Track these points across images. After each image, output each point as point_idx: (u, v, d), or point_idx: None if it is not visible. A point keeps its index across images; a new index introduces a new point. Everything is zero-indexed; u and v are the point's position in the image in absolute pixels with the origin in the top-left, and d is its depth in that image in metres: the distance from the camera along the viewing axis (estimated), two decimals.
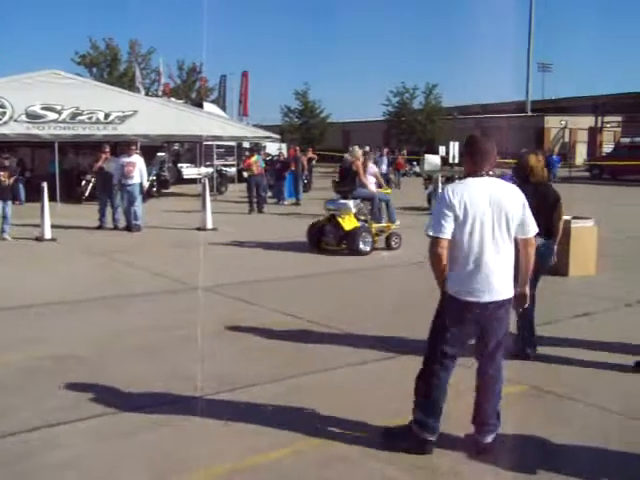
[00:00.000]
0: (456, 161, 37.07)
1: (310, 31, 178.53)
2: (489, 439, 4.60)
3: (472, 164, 4.55)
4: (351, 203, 13.16)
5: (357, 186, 13.87)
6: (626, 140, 45.55)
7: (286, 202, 23.72)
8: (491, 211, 4.40)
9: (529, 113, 61.79)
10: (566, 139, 56.46)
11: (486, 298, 4.44)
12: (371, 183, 14.82)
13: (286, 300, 9.07)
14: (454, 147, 37.23)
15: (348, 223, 12.94)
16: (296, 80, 72.51)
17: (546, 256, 6.47)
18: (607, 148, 50.04)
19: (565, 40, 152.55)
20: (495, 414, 4.63)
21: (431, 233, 4.43)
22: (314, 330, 7.62)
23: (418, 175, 33.31)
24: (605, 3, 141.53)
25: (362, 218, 13.30)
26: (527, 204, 4.56)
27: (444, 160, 39.50)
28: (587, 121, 55.10)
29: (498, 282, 4.45)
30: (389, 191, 15.41)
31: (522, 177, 6.70)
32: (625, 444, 4.77)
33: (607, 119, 53.87)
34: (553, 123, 57.48)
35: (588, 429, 5.02)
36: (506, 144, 34.87)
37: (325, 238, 13.33)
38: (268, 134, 29.05)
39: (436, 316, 4.65)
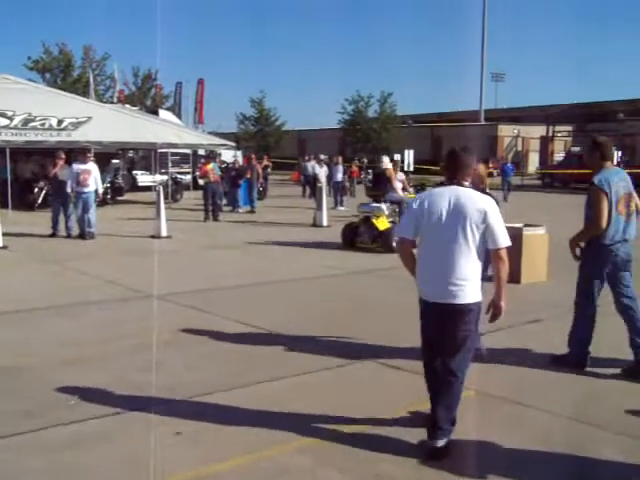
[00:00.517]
0: (411, 169, 37.46)
1: (266, 39, 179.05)
2: (440, 443, 4.63)
3: (447, 175, 4.79)
4: (384, 206, 14.73)
5: (388, 191, 15.31)
6: (576, 149, 46.49)
7: (241, 210, 23.66)
8: (449, 216, 4.53)
9: (483, 122, 62.63)
10: (519, 147, 57.43)
11: (437, 299, 4.60)
12: (399, 188, 16.43)
13: (241, 308, 9.03)
14: (409, 155, 37.59)
15: (382, 224, 14.39)
16: (252, 88, 72.59)
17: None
18: (558, 157, 50.98)
19: (517, 51, 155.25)
20: (449, 419, 4.67)
21: (395, 233, 4.80)
22: (269, 338, 7.62)
23: None
24: (556, 16, 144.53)
25: (391, 220, 14.60)
26: (495, 214, 4.57)
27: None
28: (539, 130, 56.10)
29: (451, 285, 4.53)
30: (413, 196, 16.26)
31: (473, 185, 6.80)
32: (574, 448, 4.85)
33: (558, 128, 54.89)
34: (506, 132, 58.46)
35: (539, 434, 5.10)
36: None
37: (359, 238, 14.73)
38: (223, 142, 28.92)
39: None
